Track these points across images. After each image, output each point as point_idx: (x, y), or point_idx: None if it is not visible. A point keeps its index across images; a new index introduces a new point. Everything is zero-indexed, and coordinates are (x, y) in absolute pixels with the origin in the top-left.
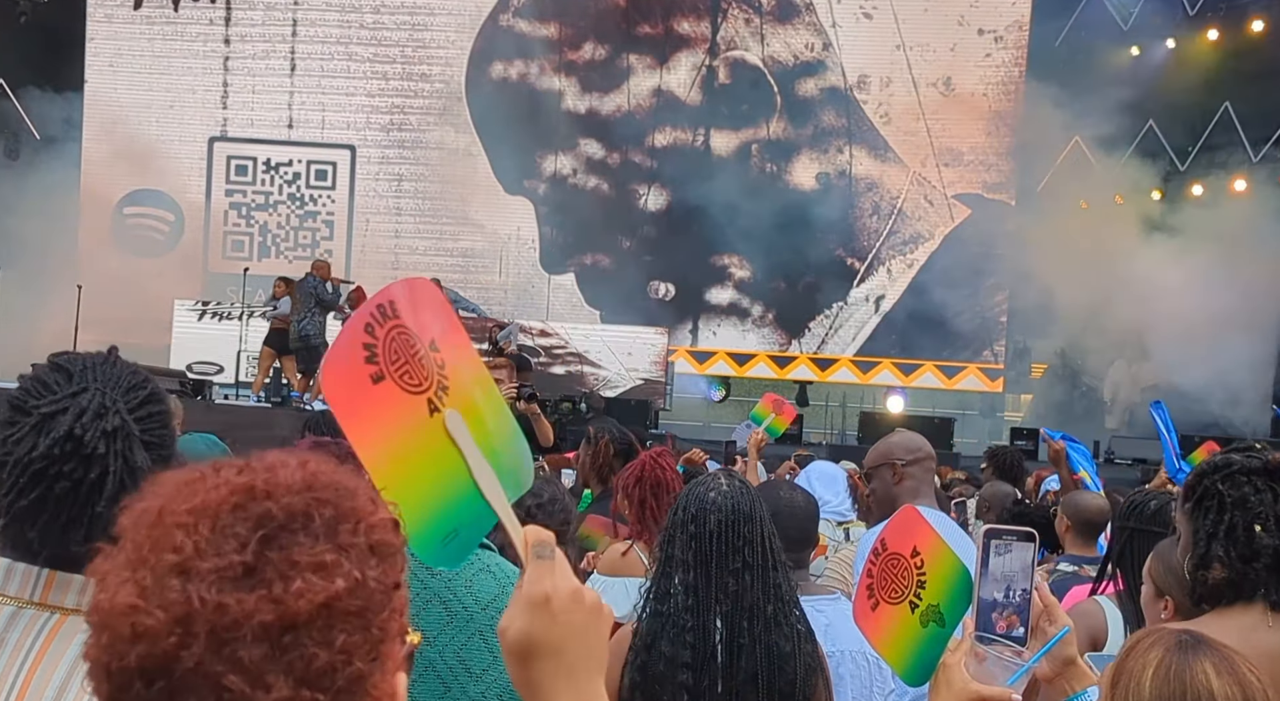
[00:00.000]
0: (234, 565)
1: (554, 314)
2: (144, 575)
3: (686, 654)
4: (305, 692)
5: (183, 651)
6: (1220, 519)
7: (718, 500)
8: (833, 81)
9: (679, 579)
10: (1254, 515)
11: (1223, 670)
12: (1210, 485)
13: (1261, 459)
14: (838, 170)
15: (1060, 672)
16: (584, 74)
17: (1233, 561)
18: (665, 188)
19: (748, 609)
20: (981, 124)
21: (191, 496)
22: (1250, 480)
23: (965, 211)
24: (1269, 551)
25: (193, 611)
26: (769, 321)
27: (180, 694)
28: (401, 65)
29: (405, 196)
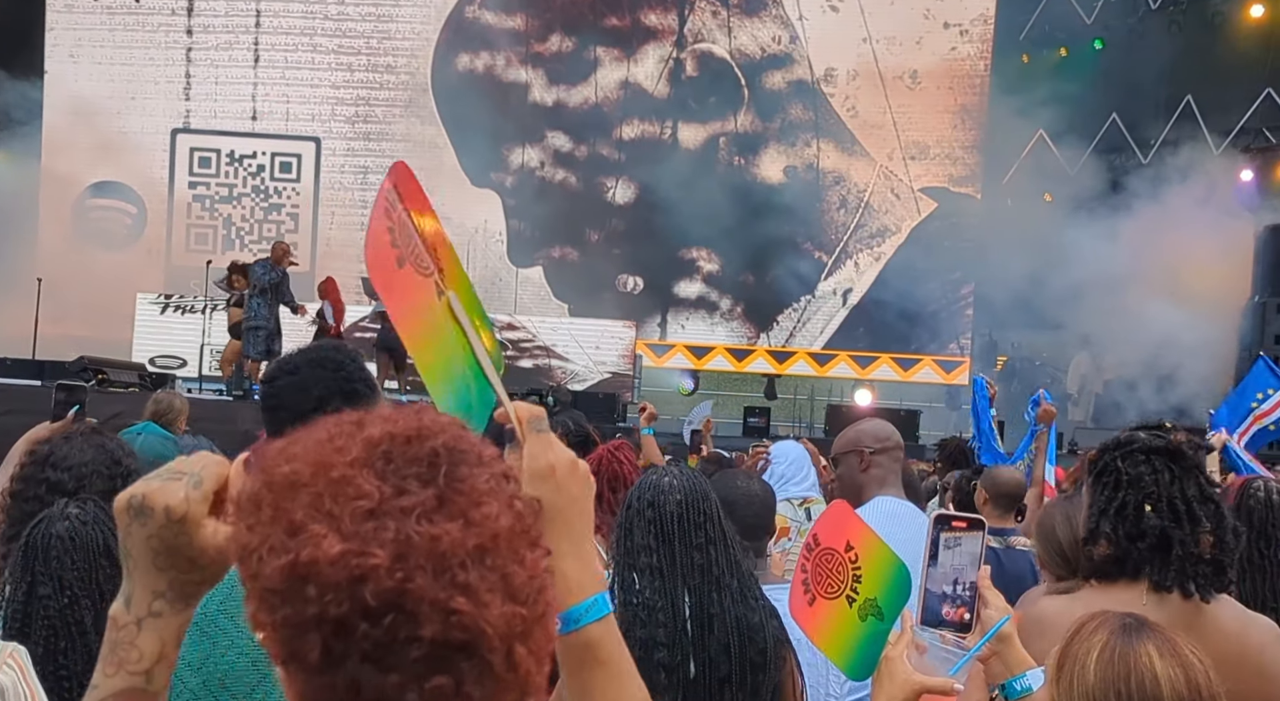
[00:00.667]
0: (429, 500)
1: (521, 307)
2: (340, 524)
3: (660, 632)
4: (511, 607)
5: (408, 584)
6: (1114, 496)
7: (673, 483)
8: (800, 74)
9: (643, 562)
10: (1145, 494)
11: (1165, 652)
12: (1110, 461)
13: (1165, 438)
14: (805, 163)
15: (998, 654)
16: (551, 66)
17: (1119, 539)
18: (633, 181)
19: (715, 580)
20: (947, 117)
21: (345, 451)
22: (1149, 459)
23: (932, 205)
24: (1155, 531)
25: (412, 545)
26: (737, 314)
27: (411, 623)
28: (366, 57)
29: (371, 189)
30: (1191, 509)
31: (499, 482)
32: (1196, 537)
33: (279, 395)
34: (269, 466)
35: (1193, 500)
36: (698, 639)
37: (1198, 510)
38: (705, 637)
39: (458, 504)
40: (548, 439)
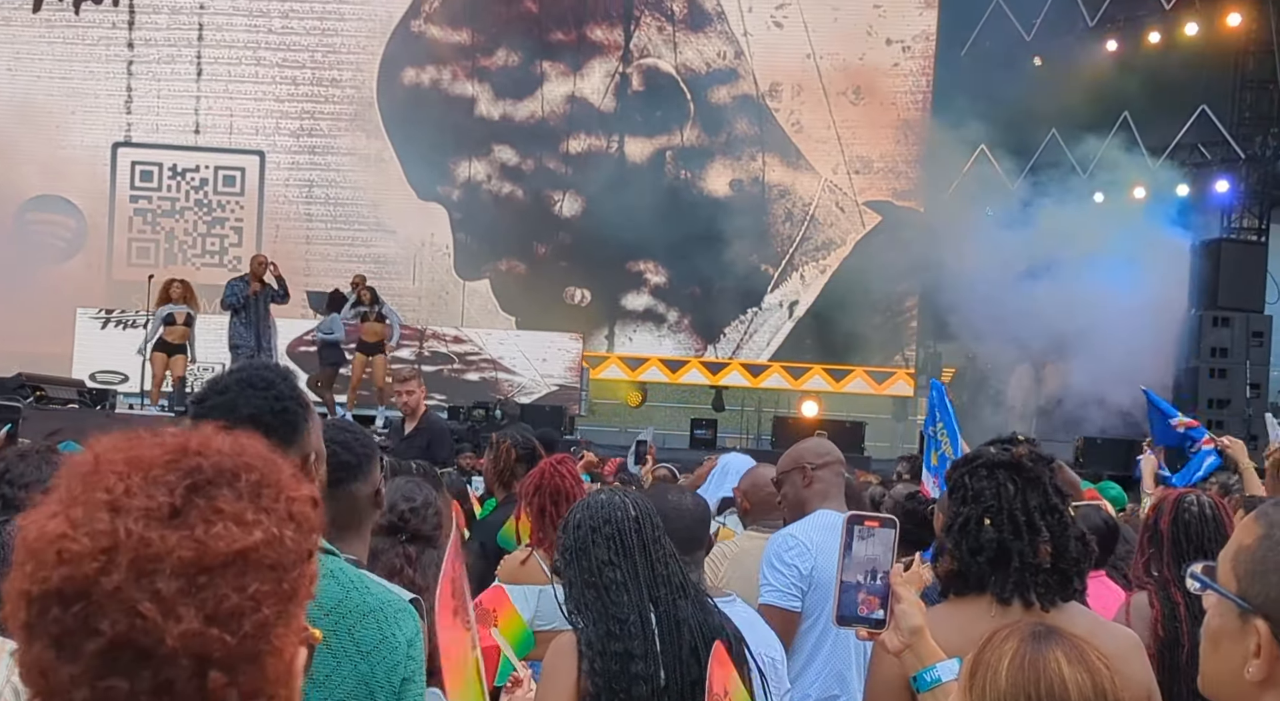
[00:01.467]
0: (161, 506)
1: (468, 320)
2: (75, 510)
3: (635, 644)
4: (213, 630)
5: (103, 576)
6: (959, 511)
7: (625, 501)
8: (745, 89)
9: (608, 577)
10: (985, 508)
11: (1073, 658)
12: (958, 478)
13: (1008, 452)
14: (751, 177)
15: (910, 645)
16: (497, 80)
17: (961, 554)
18: (580, 194)
19: (679, 589)
20: (891, 132)
21: (129, 449)
22: (992, 473)
23: (876, 218)
24: (992, 545)
25: (118, 541)
26: (685, 327)
27: (96, 616)
28: (311, 70)
29: (316, 203)
30: (1032, 520)
31: (260, 513)
32: (1035, 548)
33: (208, 415)
34: (83, 450)
35: (1034, 510)
36: (667, 646)
37: (1038, 521)
38: (674, 645)
39: (189, 518)
40: None
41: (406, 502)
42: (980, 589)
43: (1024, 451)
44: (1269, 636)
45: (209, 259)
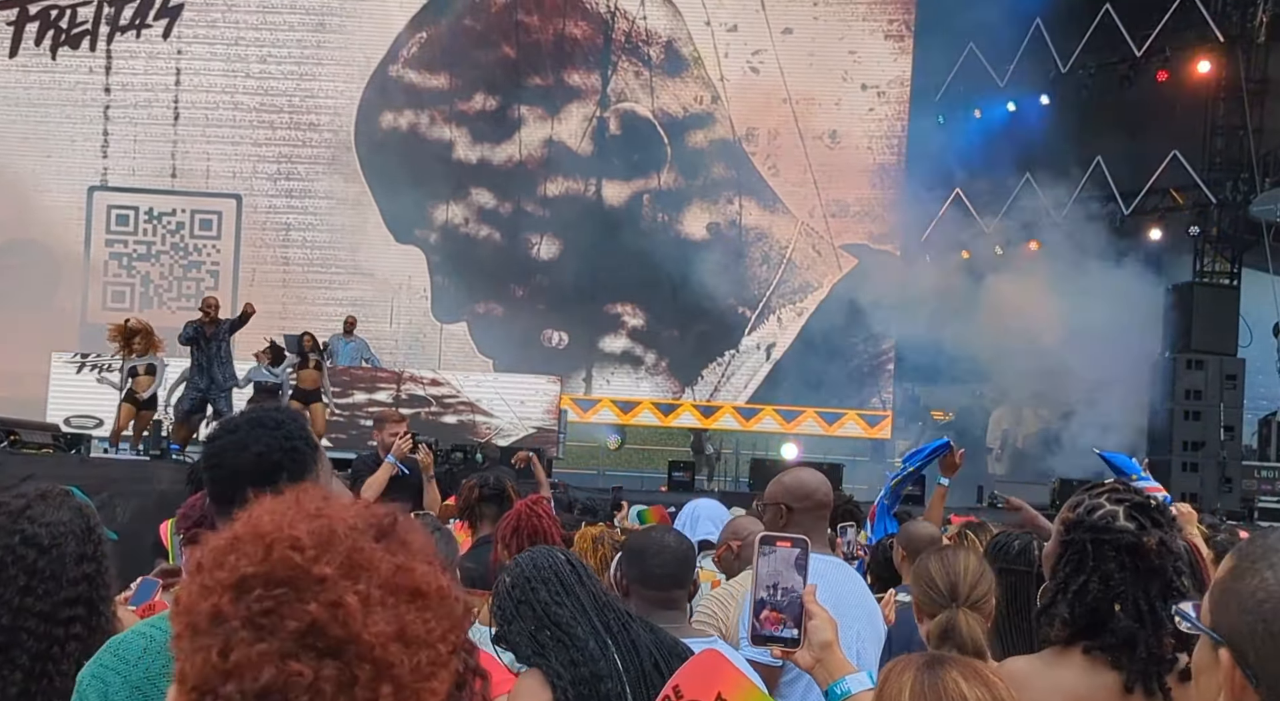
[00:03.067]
0: (370, 527)
1: (446, 363)
2: (289, 517)
3: (601, 666)
4: (398, 645)
5: (314, 565)
6: (1075, 577)
7: (549, 550)
8: (721, 133)
9: (556, 613)
10: (1116, 594)
11: (969, 675)
12: (1080, 540)
13: (1135, 537)
14: (728, 220)
15: (820, 660)
16: (475, 124)
17: (1075, 622)
18: (558, 237)
19: (625, 613)
20: (866, 176)
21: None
22: (1118, 554)
23: (852, 261)
24: (1124, 632)
25: (335, 538)
26: (662, 369)
27: (302, 598)
28: (289, 114)
29: (293, 246)
30: (1155, 611)
31: (438, 566)
32: (1160, 640)
33: (220, 454)
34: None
35: (1155, 600)
36: (629, 666)
37: (1161, 613)
38: (635, 664)
39: (393, 544)
40: None
41: None
42: (1098, 651)
43: (1154, 544)
44: (1230, 665)
45: (185, 303)
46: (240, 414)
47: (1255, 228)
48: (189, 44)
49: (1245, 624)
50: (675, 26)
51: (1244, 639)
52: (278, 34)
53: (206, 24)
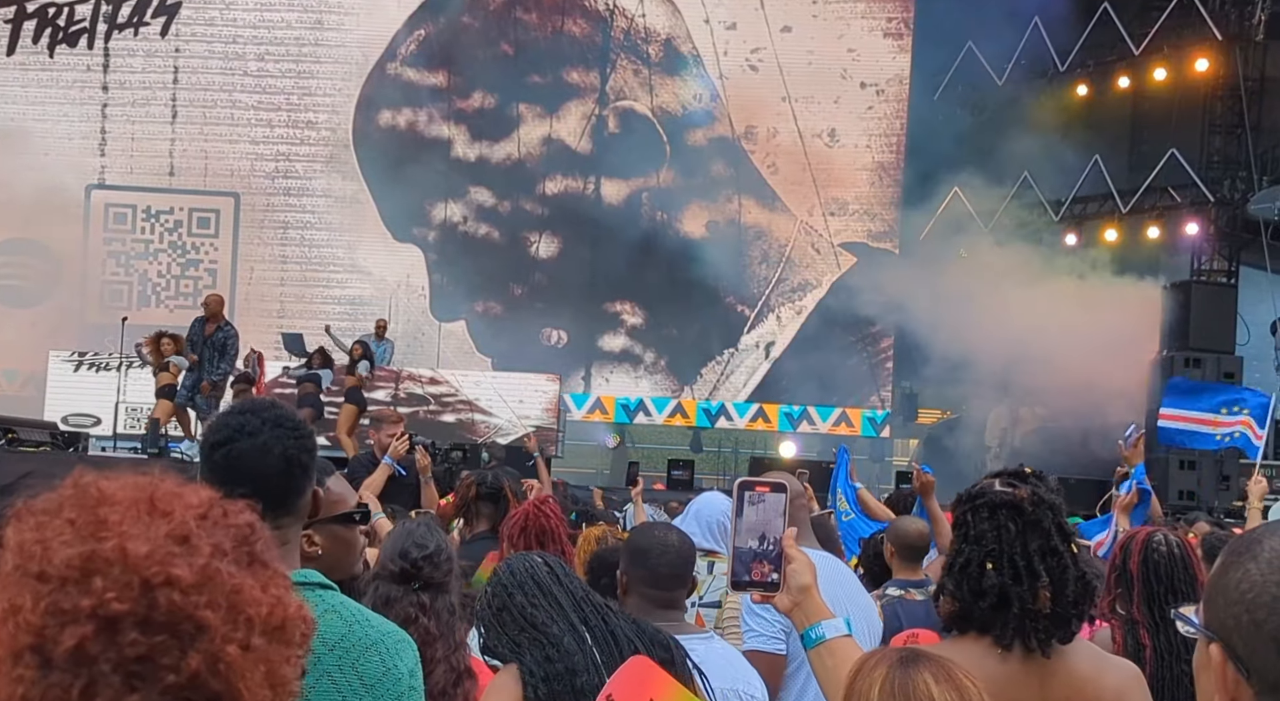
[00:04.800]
0: (241, 554)
1: (445, 361)
2: (151, 533)
3: (576, 660)
4: (265, 692)
5: (200, 611)
6: (960, 550)
7: (527, 556)
8: (720, 132)
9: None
10: (987, 552)
11: (941, 677)
12: (961, 514)
13: (1009, 494)
14: (727, 218)
15: (799, 603)
16: (473, 122)
17: (963, 596)
18: (557, 235)
19: (604, 607)
20: (865, 174)
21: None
22: (994, 514)
23: (851, 260)
24: (994, 590)
25: (216, 580)
26: (661, 368)
27: (179, 650)
28: (287, 112)
29: (291, 244)
30: (1032, 564)
31: (285, 584)
32: (1035, 593)
33: (240, 459)
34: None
35: (1034, 554)
36: (608, 657)
37: (1038, 565)
38: (614, 655)
39: (261, 573)
40: None
41: (419, 550)
42: (983, 630)
43: (1026, 493)
44: (1221, 661)
45: (183, 302)
46: (246, 413)
47: (1253, 226)
48: (186, 42)
49: (1232, 617)
50: (674, 24)
51: (1231, 632)
52: (275, 32)
53: (204, 22)
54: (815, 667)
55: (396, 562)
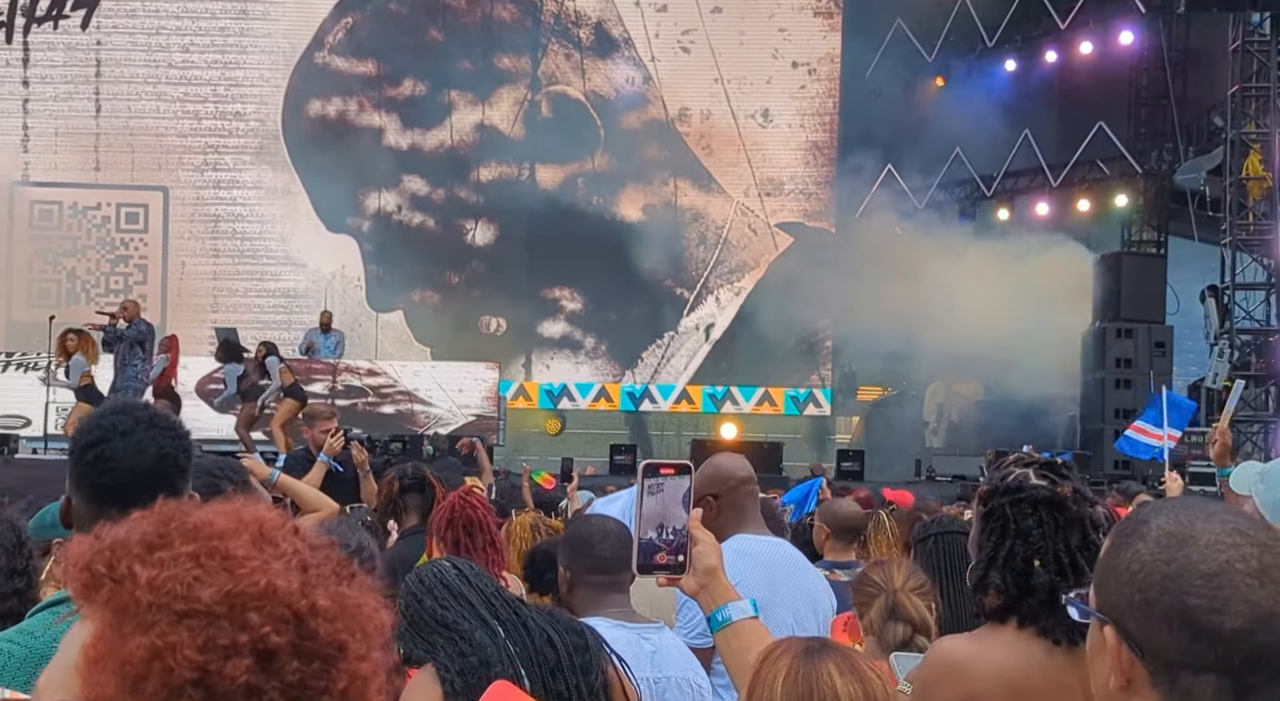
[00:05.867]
0: (345, 576)
1: (383, 352)
2: (286, 563)
3: (489, 652)
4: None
5: (342, 636)
6: (1001, 544)
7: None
8: (654, 114)
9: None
10: (1034, 549)
11: (845, 669)
12: (999, 507)
13: (1049, 490)
14: (663, 201)
15: (705, 586)
16: (404, 110)
17: (1008, 588)
18: (493, 222)
19: (516, 601)
20: (800, 154)
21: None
22: (1036, 510)
23: (788, 240)
24: (1045, 588)
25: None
26: (602, 353)
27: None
28: (214, 104)
29: (222, 237)
30: (1075, 560)
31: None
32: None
33: (114, 458)
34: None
35: (1076, 551)
36: (521, 647)
37: (1081, 561)
38: (527, 644)
39: (361, 587)
40: None
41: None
42: (1024, 621)
43: (1069, 491)
44: (1115, 642)
45: (113, 299)
46: (118, 413)
47: (1180, 196)
48: (108, 34)
49: (1124, 598)
50: (604, 7)
51: (1124, 613)
52: (200, 23)
53: (126, 14)
54: (721, 650)
55: None
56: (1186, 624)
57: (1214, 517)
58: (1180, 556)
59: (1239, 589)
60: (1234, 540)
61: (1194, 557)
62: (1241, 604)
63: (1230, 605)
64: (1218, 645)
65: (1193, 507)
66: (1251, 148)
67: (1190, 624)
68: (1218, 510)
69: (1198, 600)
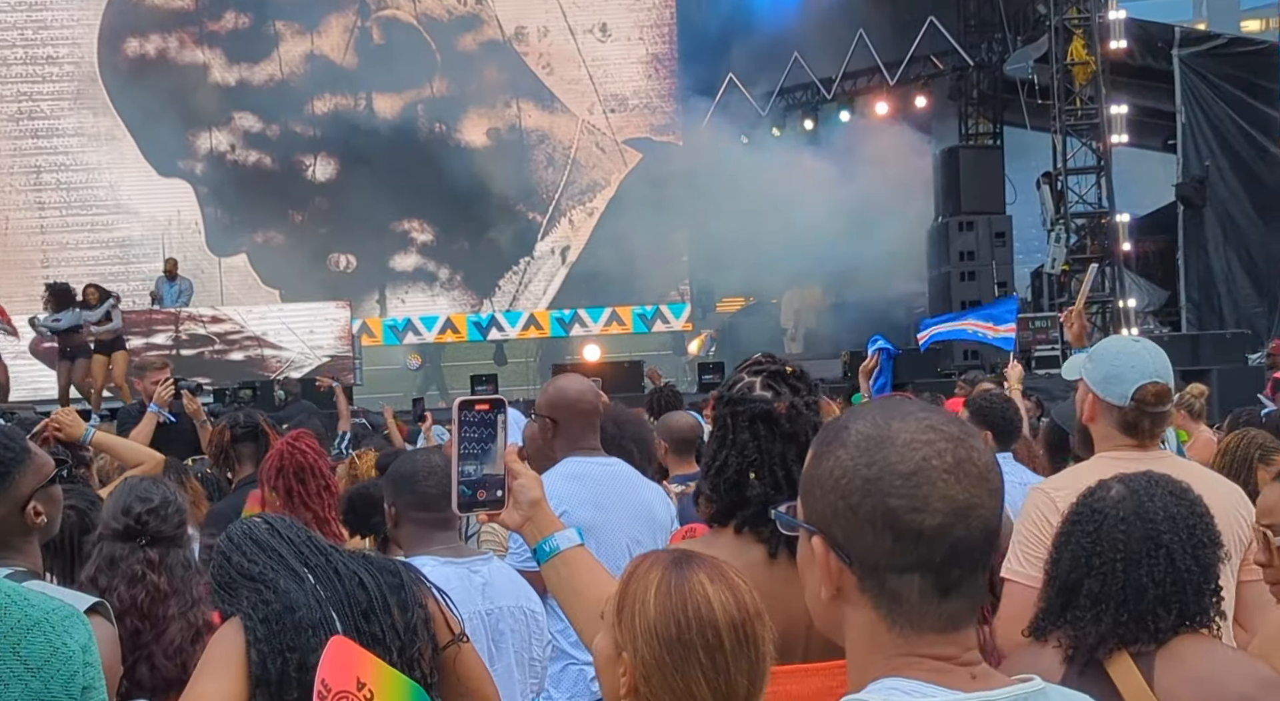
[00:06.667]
0: None
1: (229, 297)
2: None
3: (294, 597)
4: None
5: None
6: (718, 453)
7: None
8: (490, 35)
9: (250, 571)
10: (749, 462)
11: (715, 578)
12: (721, 416)
13: (768, 403)
14: (507, 124)
15: (530, 518)
16: (229, 44)
17: (721, 498)
18: (332, 156)
19: (328, 549)
20: (641, 68)
21: None
22: (753, 424)
23: (637, 156)
24: (758, 500)
25: None
26: (458, 283)
27: None
28: (23, 49)
29: (47, 189)
30: (791, 475)
31: None
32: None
33: None
34: None
35: (792, 465)
36: (331, 590)
37: (795, 475)
38: (338, 588)
39: None
40: None
41: (143, 504)
42: (742, 527)
43: (784, 407)
44: (823, 550)
45: None
46: None
47: (1012, 86)
48: None
49: (829, 506)
50: None
51: (830, 522)
52: None
53: None
54: (549, 579)
55: (120, 520)
56: (889, 525)
57: (909, 417)
58: (880, 458)
59: (936, 485)
60: (928, 437)
61: (892, 458)
62: (939, 500)
63: (929, 502)
64: (920, 543)
65: (890, 408)
66: (1074, 33)
67: (892, 525)
68: (913, 409)
69: (898, 500)
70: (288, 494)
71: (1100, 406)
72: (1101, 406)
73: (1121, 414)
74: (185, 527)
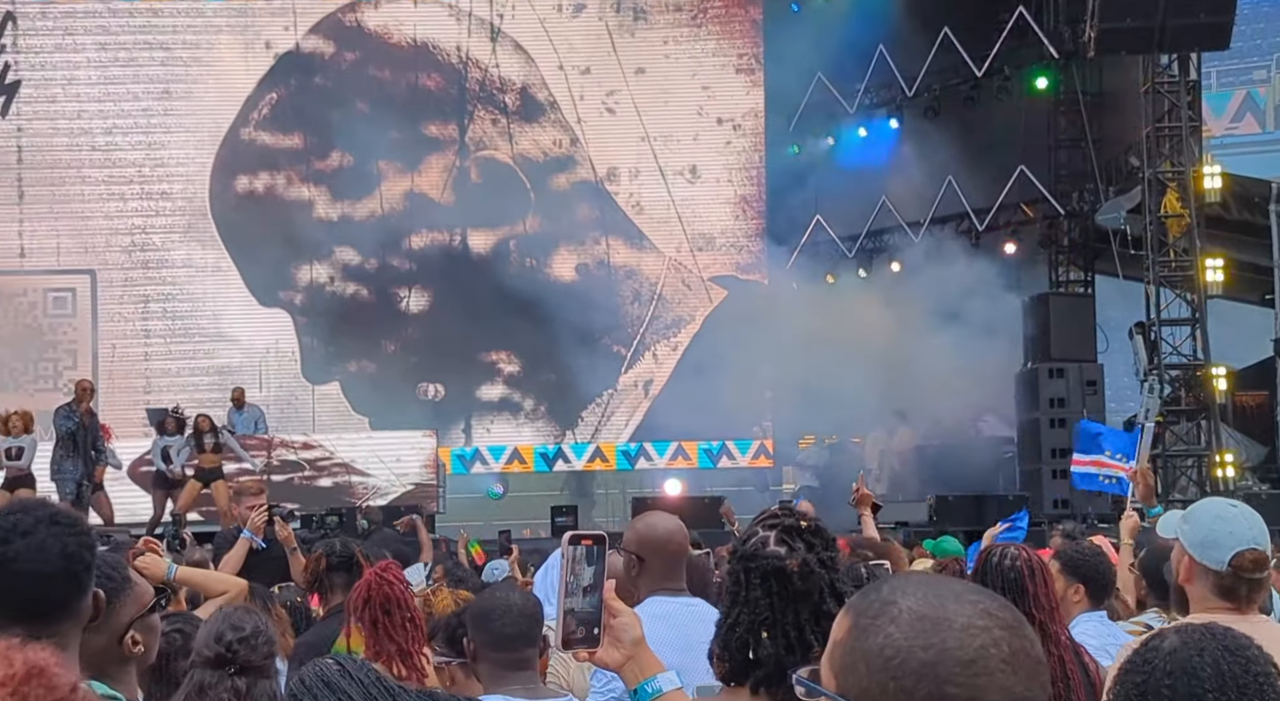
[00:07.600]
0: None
1: (321, 425)
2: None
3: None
4: None
5: None
6: (730, 611)
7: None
8: (583, 175)
9: None
10: (760, 620)
11: None
12: (734, 572)
13: (779, 561)
14: (596, 260)
15: (632, 657)
16: (333, 182)
17: (731, 656)
18: (426, 289)
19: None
20: (729, 208)
21: None
22: (766, 581)
23: (722, 293)
24: (770, 661)
25: None
26: (542, 414)
27: None
28: (139, 185)
29: (153, 317)
30: (804, 635)
31: None
32: (808, 662)
33: (16, 560)
34: None
35: (805, 624)
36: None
37: (809, 635)
38: None
39: None
40: None
41: (235, 632)
42: (763, 688)
43: (796, 564)
44: None
45: (42, 385)
46: (11, 513)
47: (1104, 236)
48: (29, 121)
49: (877, 684)
50: (528, 72)
51: (875, 699)
52: (122, 105)
53: (46, 100)
54: None
55: (211, 647)
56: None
57: (963, 600)
58: (937, 642)
59: (995, 676)
60: (984, 623)
61: (950, 643)
62: (996, 692)
63: (986, 694)
64: None
65: (938, 586)
66: (1168, 186)
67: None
68: (962, 589)
69: (955, 689)
70: (373, 625)
71: (1197, 569)
72: (1198, 569)
73: (1218, 578)
74: (274, 658)
